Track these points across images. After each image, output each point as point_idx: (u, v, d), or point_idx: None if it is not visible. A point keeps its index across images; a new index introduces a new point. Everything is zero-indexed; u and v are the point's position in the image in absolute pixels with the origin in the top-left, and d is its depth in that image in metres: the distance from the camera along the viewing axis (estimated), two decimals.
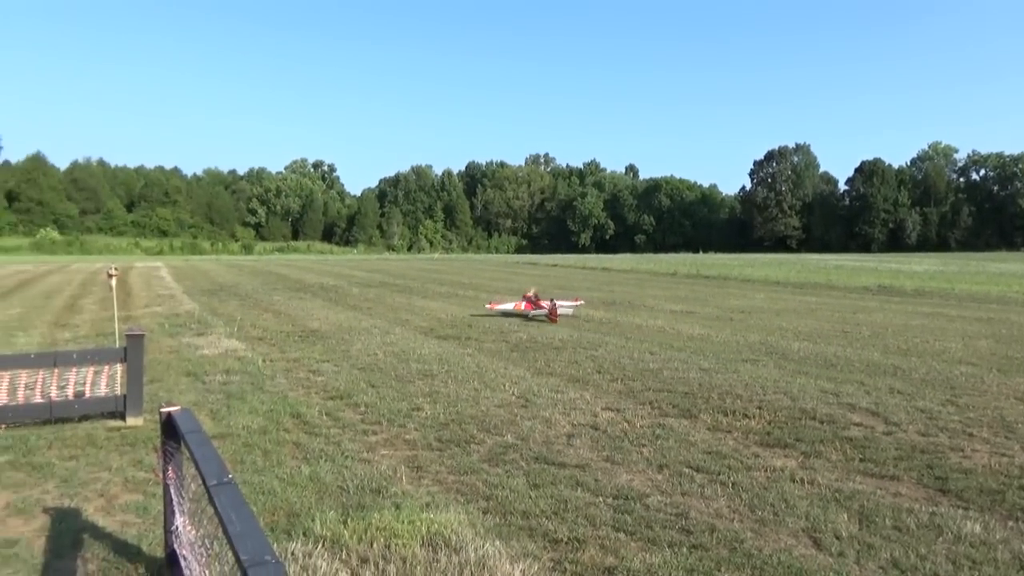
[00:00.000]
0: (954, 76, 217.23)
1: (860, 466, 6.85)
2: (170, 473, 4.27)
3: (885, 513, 5.63)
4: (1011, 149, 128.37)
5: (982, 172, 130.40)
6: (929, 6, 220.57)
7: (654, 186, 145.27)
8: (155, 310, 21.23)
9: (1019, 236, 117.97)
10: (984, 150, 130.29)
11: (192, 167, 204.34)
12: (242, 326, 17.25)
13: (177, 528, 4.17)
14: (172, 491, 4.29)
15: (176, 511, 4.19)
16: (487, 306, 20.78)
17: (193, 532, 3.87)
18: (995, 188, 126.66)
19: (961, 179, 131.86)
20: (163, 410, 4.20)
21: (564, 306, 19.68)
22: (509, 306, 19.95)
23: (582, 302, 21.39)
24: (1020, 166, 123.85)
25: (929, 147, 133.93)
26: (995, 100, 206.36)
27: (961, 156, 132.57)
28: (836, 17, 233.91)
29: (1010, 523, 5.47)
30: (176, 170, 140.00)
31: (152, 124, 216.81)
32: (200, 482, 3.01)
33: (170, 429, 4.13)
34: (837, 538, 5.18)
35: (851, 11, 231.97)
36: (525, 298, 19.81)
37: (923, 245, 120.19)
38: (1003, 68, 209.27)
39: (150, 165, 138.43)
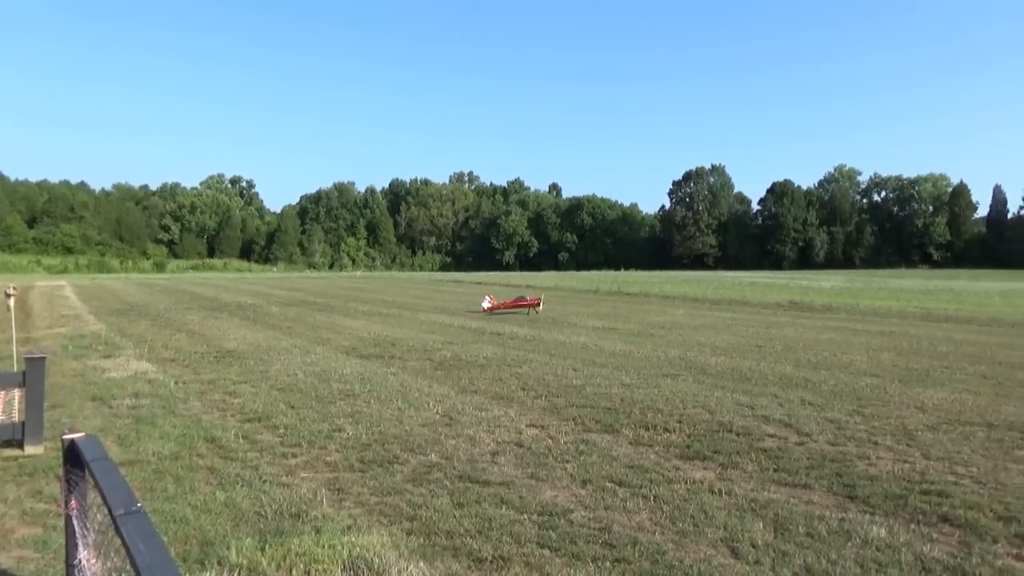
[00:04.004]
0: (858, 101, 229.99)
1: (774, 476, 7.09)
2: (73, 503, 4.04)
3: (798, 521, 5.84)
4: (908, 172, 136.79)
5: (883, 194, 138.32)
6: (835, 38, 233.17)
7: (577, 205, 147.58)
8: (58, 331, 20.16)
9: (916, 254, 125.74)
10: (884, 173, 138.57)
11: (100, 182, 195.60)
12: (153, 347, 16.57)
13: (80, 562, 3.94)
14: (75, 523, 4.06)
15: (79, 544, 3.97)
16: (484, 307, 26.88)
17: (98, 565, 3.67)
18: (895, 209, 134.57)
19: (864, 200, 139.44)
20: (65, 437, 3.97)
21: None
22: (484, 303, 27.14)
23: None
24: (916, 188, 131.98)
25: (835, 169, 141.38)
26: (895, 125, 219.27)
27: (864, 178, 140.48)
28: (750, 40, 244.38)
29: (912, 526, 5.75)
30: (83, 185, 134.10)
31: (56, 136, 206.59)
32: (106, 512, 2.86)
33: (73, 457, 3.91)
34: (754, 547, 5.33)
35: (763, 37, 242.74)
36: (519, 299, 27.73)
37: (830, 262, 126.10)
38: (902, 94, 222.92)
39: (54, 179, 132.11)
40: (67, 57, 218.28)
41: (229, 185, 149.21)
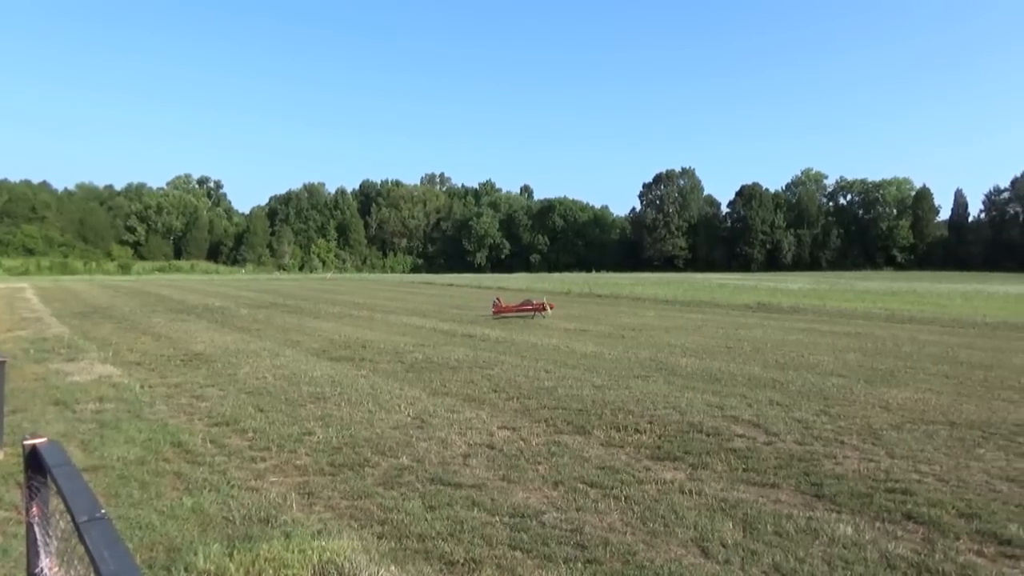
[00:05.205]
0: (824, 105, 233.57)
1: (744, 476, 7.17)
2: (35, 510, 3.95)
3: (767, 520, 5.91)
4: (873, 176, 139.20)
5: (848, 197, 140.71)
6: (802, 44, 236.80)
7: (548, 207, 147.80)
8: (19, 334, 19.69)
9: (881, 256, 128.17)
10: (850, 176, 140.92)
11: (63, 181, 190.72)
12: (118, 350, 16.26)
13: (42, 570, 3.85)
14: (37, 530, 3.96)
15: (41, 552, 3.88)
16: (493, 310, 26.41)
17: (61, 574, 3.59)
18: (860, 212, 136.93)
19: (830, 203, 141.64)
20: (26, 442, 3.88)
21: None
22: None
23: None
24: (881, 192, 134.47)
25: (802, 173, 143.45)
26: (860, 129, 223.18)
27: (830, 182, 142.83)
28: (719, 45, 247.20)
29: (878, 524, 5.86)
30: (45, 184, 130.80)
31: (16, 135, 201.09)
32: (69, 519, 2.80)
33: (35, 463, 3.81)
34: (723, 546, 5.38)
35: (732, 41, 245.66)
36: (525, 302, 26.54)
37: (798, 264, 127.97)
38: (867, 99, 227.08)
39: (14, 178, 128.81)
40: (28, 54, 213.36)
41: (196, 185, 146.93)
